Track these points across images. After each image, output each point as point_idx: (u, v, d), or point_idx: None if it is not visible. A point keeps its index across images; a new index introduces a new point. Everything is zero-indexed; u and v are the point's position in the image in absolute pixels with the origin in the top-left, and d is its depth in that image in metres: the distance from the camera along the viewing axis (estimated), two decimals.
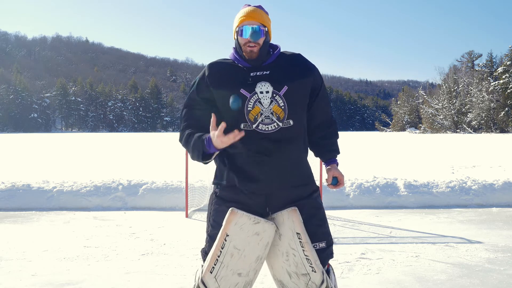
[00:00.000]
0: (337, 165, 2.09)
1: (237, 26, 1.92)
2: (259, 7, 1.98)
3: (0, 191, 6.83)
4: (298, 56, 2.02)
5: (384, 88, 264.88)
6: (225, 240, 1.85)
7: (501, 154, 16.67)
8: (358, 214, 6.17)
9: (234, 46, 1.97)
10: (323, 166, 2.13)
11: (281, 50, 2.01)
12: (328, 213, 6.09)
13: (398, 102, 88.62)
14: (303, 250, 1.86)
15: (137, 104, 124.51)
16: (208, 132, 1.86)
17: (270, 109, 1.86)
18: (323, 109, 2.06)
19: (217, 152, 1.86)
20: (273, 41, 2.04)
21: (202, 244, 4.43)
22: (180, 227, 5.38)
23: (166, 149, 22.13)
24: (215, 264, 1.86)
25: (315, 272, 1.85)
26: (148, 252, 4.25)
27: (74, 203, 6.69)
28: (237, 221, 1.85)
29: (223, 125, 1.75)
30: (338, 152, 2.11)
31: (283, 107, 1.87)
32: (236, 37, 1.94)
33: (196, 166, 6.85)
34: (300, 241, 1.86)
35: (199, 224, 5.55)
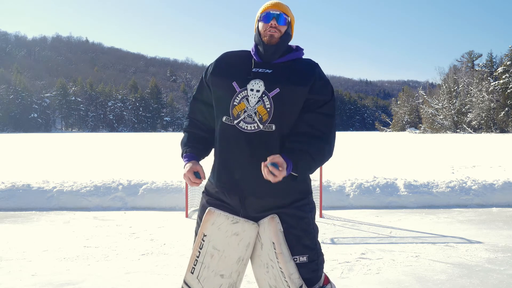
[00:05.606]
0: (291, 168, 1.70)
1: (260, 14, 1.87)
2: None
3: (0, 191, 6.83)
4: (309, 64, 1.88)
5: (384, 88, 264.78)
6: (203, 240, 1.80)
7: (501, 154, 16.67)
8: (358, 214, 6.17)
9: (254, 39, 1.90)
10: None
11: (303, 57, 1.91)
12: (328, 213, 6.15)
13: (398, 102, 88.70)
14: (278, 262, 1.74)
15: (137, 104, 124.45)
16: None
17: (255, 109, 1.77)
18: (315, 123, 1.78)
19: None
20: None
21: None
22: (180, 227, 5.38)
23: (166, 149, 22.13)
24: (195, 265, 1.80)
25: (289, 287, 1.73)
26: (148, 252, 4.24)
27: (74, 203, 6.69)
28: (215, 220, 1.79)
29: (198, 181, 1.84)
30: (303, 167, 1.73)
31: (268, 109, 1.76)
32: (257, 25, 1.88)
33: None
34: (275, 252, 1.74)
35: None
